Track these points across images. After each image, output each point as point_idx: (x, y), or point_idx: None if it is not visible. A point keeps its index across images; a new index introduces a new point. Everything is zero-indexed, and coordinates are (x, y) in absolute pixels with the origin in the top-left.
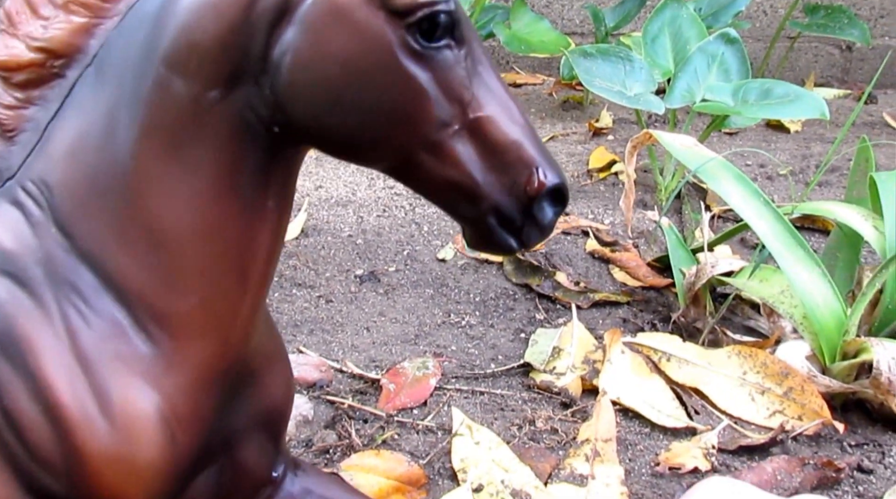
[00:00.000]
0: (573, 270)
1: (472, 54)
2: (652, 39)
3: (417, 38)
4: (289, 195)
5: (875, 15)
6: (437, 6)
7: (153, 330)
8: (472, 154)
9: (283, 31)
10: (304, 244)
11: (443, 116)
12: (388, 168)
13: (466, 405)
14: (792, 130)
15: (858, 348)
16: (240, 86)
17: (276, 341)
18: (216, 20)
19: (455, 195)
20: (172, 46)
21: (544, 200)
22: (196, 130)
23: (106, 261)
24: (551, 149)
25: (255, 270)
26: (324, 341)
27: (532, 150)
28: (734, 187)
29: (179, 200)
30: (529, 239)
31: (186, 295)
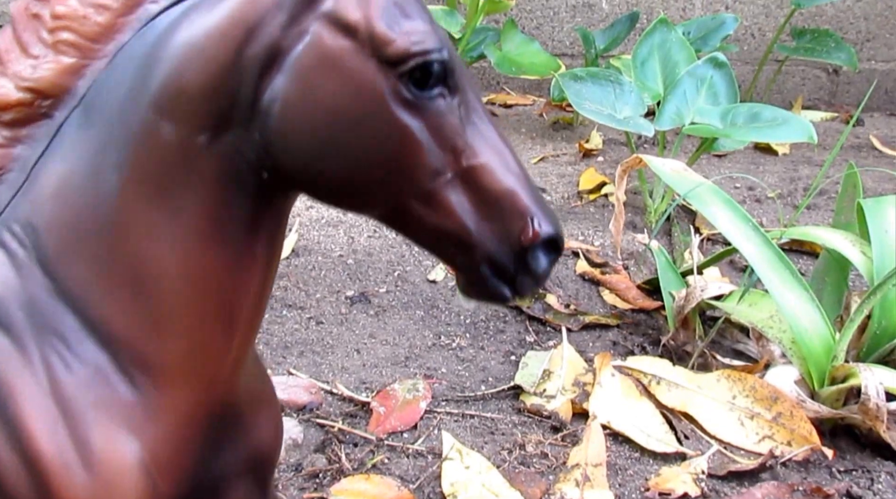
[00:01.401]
0: (563, 291)
1: (466, 102)
2: (641, 63)
3: (410, 87)
4: (278, 240)
5: (861, 39)
6: (431, 55)
7: (137, 376)
8: (465, 203)
9: (272, 77)
10: (294, 264)
11: (436, 165)
12: (380, 216)
13: (457, 429)
14: (780, 153)
15: (847, 374)
16: (228, 131)
17: (264, 385)
18: (205, 65)
19: (448, 244)
20: (161, 90)
21: (539, 249)
22: (184, 175)
23: (90, 305)
24: (541, 170)
25: (243, 316)
26: (314, 363)
27: (527, 199)
28: (723, 212)
29: (166, 244)
30: (523, 288)
31: (171, 341)
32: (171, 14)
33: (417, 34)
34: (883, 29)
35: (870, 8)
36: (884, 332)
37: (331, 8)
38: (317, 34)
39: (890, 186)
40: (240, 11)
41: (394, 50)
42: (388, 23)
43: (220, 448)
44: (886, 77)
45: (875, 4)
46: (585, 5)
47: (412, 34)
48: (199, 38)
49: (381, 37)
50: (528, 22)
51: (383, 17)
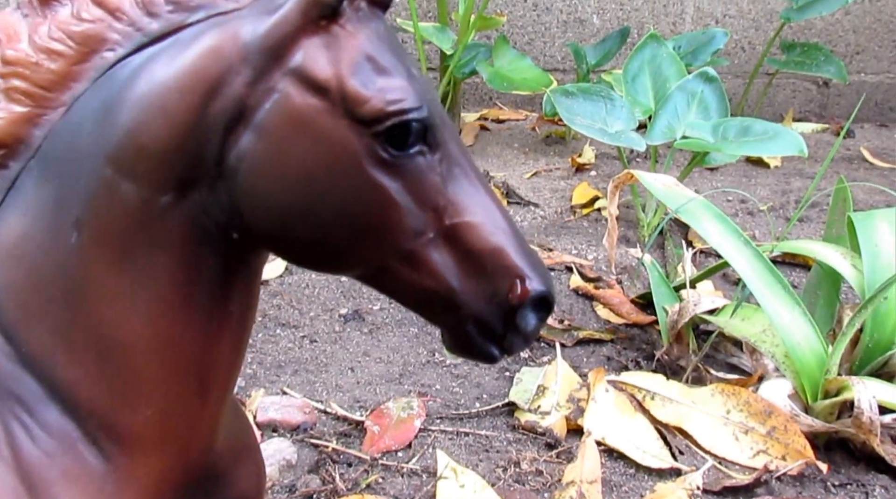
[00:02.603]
0: (557, 307)
1: (448, 157)
2: (632, 78)
3: (386, 147)
4: (251, 299)
5: (851, 51)
6: (409, 115)
7: (105, 444)
8: (448, 262)
9: (239, 135)
10: (287, 282)
11: (415, 226)
12: (359, 277)
13: (451, 447)
14: (772, 166)
15: (840, 387)
16: (194, 191)
17: (243, 434)
18: (165, 123)
19: (432, 303)
20: (119, 147)
21: (528, 308)
22: (147, 236)
23: (53, 370)
24: (534, 184)
25: (216, 378)
26: (308, 382)
27: (515, 256)
28: (714, 226)
29: (131, 308)
30: (512, 347)
31: (140, 407)
32: (130, 64)
33: (393, 92)
34: (872, 42)
35: (858, 21)
36: (876, 345)
37: (299, 64)
38: (285, 92)
39: (881, 197)
40: (202, 65)
41: (368, 109)
42: (361, 80)
43: None
44: (876, 89)
45: (864, 17)
46: (576, 21)
47: (388, 92)
48: (158, 93)
49: (353, 96)
50: (519, 38)
51: (356, 74)
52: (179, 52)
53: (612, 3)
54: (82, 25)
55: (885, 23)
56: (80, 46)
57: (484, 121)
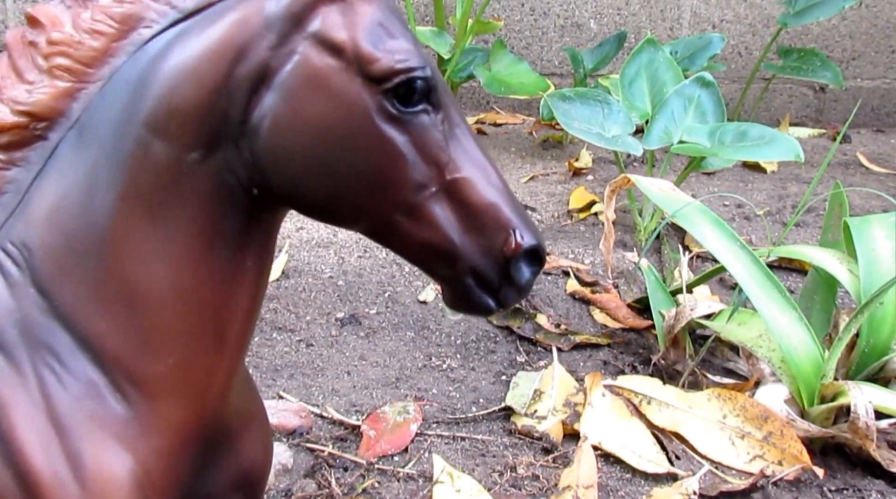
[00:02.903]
0: (554, 311)
1: (449, 118)
2: (629, 82)
3: (394, 103)
4: (268, 257)
5: (847, 57)
6: (414, 72)
7: (129, 391)
8: (449, 216)
9: (261, 96)
10: (284, 286)
11: (420, 179)
12: (367, 230)
13: (447, 451)
14: (769, 170)
15: (836, 392)
16: (219, 149)
17: (254, 403)
18: (196, 86)
19: (433, 256)
20: (153, 110)
21: (521, 260)
22: (175, 192)
23: (83, 322)
24: (532, 189)
25: (233, 332)
26: (304, 386)
27: (509, 212)
28: (711, 231)
29: (157, 261)
30: (507, 299)
31: (163, 357)
32: (164, 38)
33: (401, 53)
34: (868, 47)
35: (855, 27)
36: (872, 350)
37: (318, 28)
38: (305, 54)
39: (877, 202)
40: (230, 33)
41: (378, 67)
42: (373, 42)
43: (211, 466)
44: (872, 94)
45: (860, 23)
46: (574, 25)
47: (396, 53)
48: (190, 60)
49: (366, 55)
50: (517, 42)
51: (369, 37)
52: (210, 25)
53: (609, 7)
54: (123, 6)
55: (881, 28)
56: (120, 25)
57: (481, 125)
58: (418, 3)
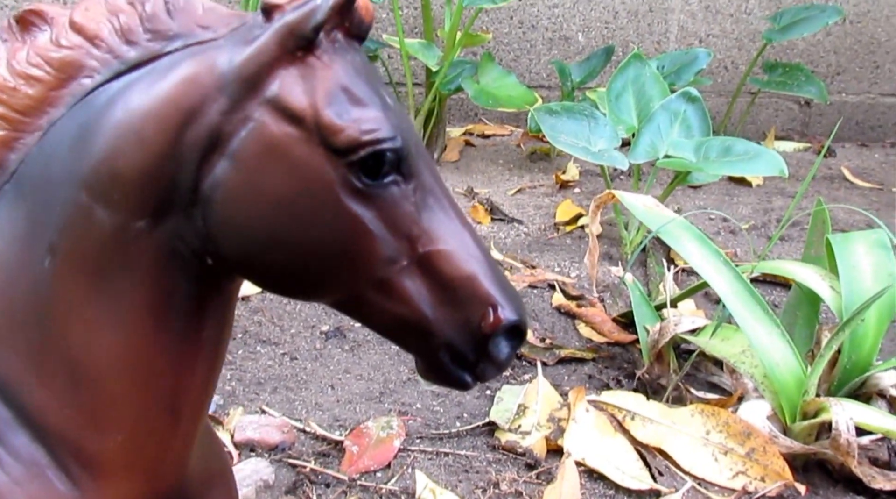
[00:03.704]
0: (539, 325)
1: (422, 186)
2: (616, 96)
3: (361, 177)
4: (225, 324)
5: (832, 72)
6: (383, 145)
7: (75, 470)
8: (422, 290)
9: (214, 163)
10: (269, 299)
11: (389, 254)
12: (332, 304)
13: (431, 467)
14: (754, 184)
15: (818, 408)
16: (168, 217)
17: (217, 460)
18: (140, 150)
19: (405, 331)
20: (95, 173)
21: (500, 336)
22: (121, 261)
23: (23, 395)
24: (519, 201)
25: (188, 404)
26: (287, 400)
27: (488, 284)
28: (694, 247)
29: (103, 333)
30: (485, 374)
31: (111, 433)
32: (107, 91)
33: (368, 122)
34: (852, 62)
35: (839, 42)
36: (854, 366)
37: (275, 94)
38: (261, 121)
39: (861, 217)
40: (178, 94)
41: (343, 139)
42: (336, 110)
43: None
44: (856, 109)
45: (844, 39)
46: (562, 38)
47: (363, 122)
48: (134, 120)
49: (328, 125)
50: (505, 55)
51: (331, 104)
52: (156, 80)
53: (597, 21)
54: (61, 52)
55: (865, 44)
56: (59, 72)
57: (469, 136)
58: (407, 16)
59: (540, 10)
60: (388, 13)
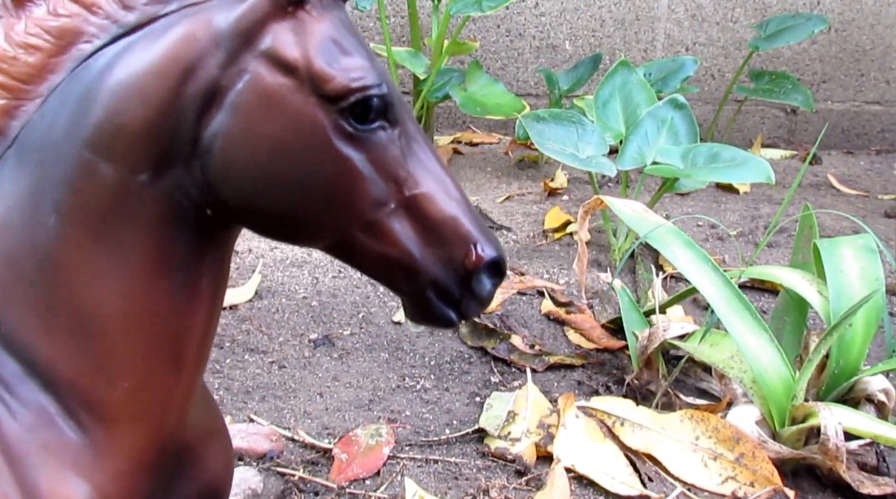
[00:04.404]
0: (529, 332)
1: (406, 133)
2: (603, 104)
3: (350, 121)
4: (223, 275)
5: (818, 80)
6: (370, 91)
7: (83, 417)
8: (409, 231)
9: (213, 114)
10: (257, 307)
11: (378, 196)
12: (325, 247)
13: (420, 474)
14: (741, 191)
15: (807, 413)
16: (169, 169)
17: (213, 416)
18: (142, 104)
19: (394, 271)
20: (98, 130)
21: (482, 272)
22: (124, 214)
23: (31, 348)
24: (508, 208)
25: (190, 352)
26: (276, 408)
27: (469, 224)
28: (683, 253)
29: (108, 284)
30: (468, 311)
31: (117, 381)
32: (107, 54)
33: (356, 70)
34: (838, 70)
35: (825, 50)
36: (842, 371)
37: (269, 46)
38: (256, 72)
39: (847, 223)
40: (177, 50)
41: (333, 86)
42: (326, 60)
43: (172, 485)
44: (842, 117)
45: (829, 47)
46: (549, 47)
47: (351, 70)
48: (136, 78)
49: (320, 74)
50: (492, 63)
51: (322, 54)
52: (155, 40)
53: (584, 29)
54: (59, 20)
55: (850, 52)
56: (57, 40)
57: (457, 144)
58: (394, 24)
59: (527, 19)
60: (375, 22)
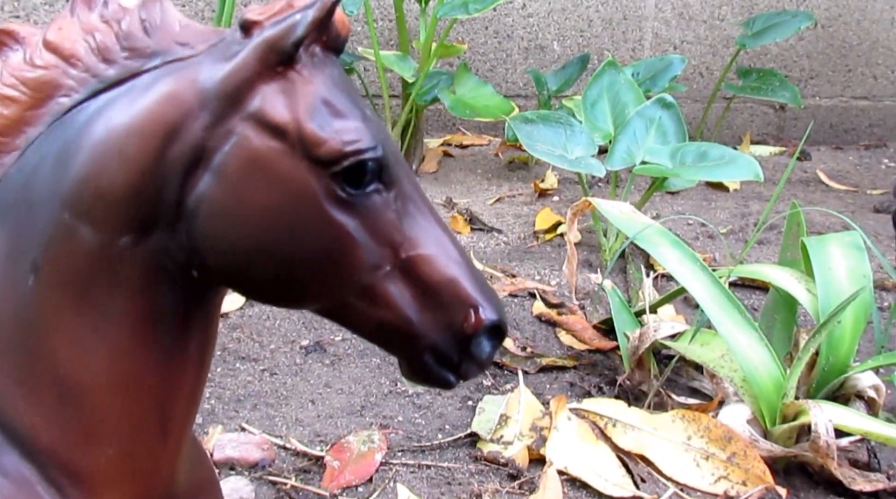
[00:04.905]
0: (520, 334)
1: (403, 194)
2: (591, 104)
3: (344, 186)
4: (210, 337)
5: (805, 76)
6: (365, 155)
7: (66, 486)
8: (405, 295)
9: (198, 177)
10: (248, 315)
11: (373, 261)
12: (318, 311)
13: (412, 480)
14: (731, 189)
15: (797, 411)
16: (153, 233)
17: (203, 469)
18: (123, 167)
19: (390, 335)
20: (77, 192)
21: (482, 336)
22: (107, 279)
23: (12, 415)
24: (498, 210)
25: (177, 416)
26: (267, 416)
27: (469, 287)
28: (672, 253)
29: (91, 351)
30: (468, 374)
31: (101, 448)
32: (86, 109)
33: (350, 133)
34: (825, 67)
35: (812, 47)
36: (832, 368)
37: (257, 108)
38: (243, 135)
39: (836, 219)
40: (160, 110)
41: (326, 150)
42: (318, 123)
43: None
44: (830, 113)
45: (816, 43)
46: (537, 48)
47: (344, 133)
48: (116, 138)
49: (311, 138)
50: (481, 65)
51: (313, 117)
52: (137, 98)
53: (572, 30)
54: (36, 72)
55: (837, 48)
56: (35, 92)
57: (447, 147)
58: (382, 28)
59: (515, 20)
60: (363, 26)
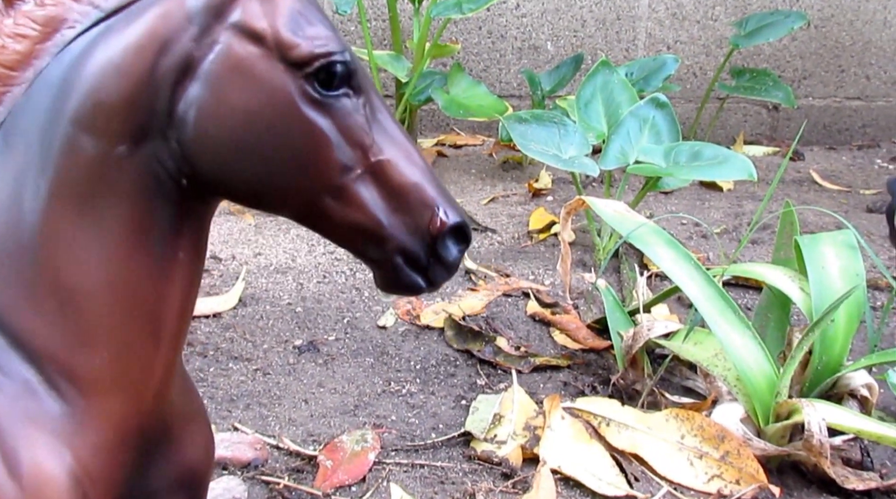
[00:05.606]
0: (514, 333)
1: (370, 102)
2: (585, 104)
3: (316, 87)
4: (201, 248)
5: (798, 76)
6: (333, 57)
7: (65, 388)
8: (375, 197)
9: (186, 86)
10: (241, 314)
11: (345, 161)
12: (295, 214)
13: (406, 480)
14: (725, 189)
15: (791, 410)
16: (147, 141)
17: (193, 400)
18: (121, 80)
19: (361, 238)
20: (79, 107)
21: (447, 238)
22: (104, 186)
23: (15, 322)
24: (492, 210)
25: (168, 324)
26: (260, 416)
27: (432, 191)
28: (665, 252)
29: (89, 256)
30: (436, 277)
31: (97, 352)
32: (87, 37)
33: (320, 38)
34: (818, 67)
35: (805, 47)
36: (825, 367)
37: (239, 18)
38: (227, 43)
39: (829, 219)
40: (153, 27)
41: (299, 53)
42: (292, 29)
43: (152, 462)
44: (823, 113)
45: (810, 44)
46: (531, 48)
47: (315, 38)
48: (115, 55)
49: (286, 42)
50: (475, 65)
51: (288, 24)
52: (133, 20)
53: (565, 30)
54: (45, 9)
55: (831, 48)
56: (43, 27)
57: (441, 147)
58: (376, 27)
59: (509, 20)
60: (356, 25)
